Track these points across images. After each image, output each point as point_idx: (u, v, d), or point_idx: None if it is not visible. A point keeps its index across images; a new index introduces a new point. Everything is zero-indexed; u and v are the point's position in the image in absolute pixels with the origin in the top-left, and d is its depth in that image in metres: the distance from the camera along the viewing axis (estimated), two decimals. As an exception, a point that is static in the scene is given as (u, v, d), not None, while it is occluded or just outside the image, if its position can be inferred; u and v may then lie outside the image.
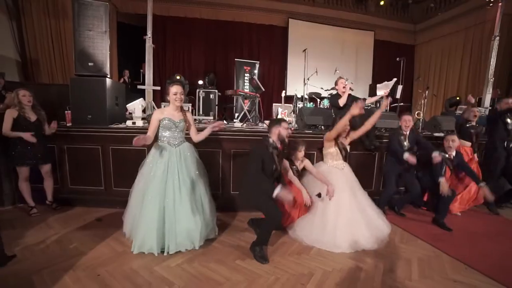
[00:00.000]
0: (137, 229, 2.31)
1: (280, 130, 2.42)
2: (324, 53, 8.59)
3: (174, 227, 2.28)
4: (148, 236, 2.26)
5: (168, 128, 2.43)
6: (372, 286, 2.01)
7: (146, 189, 2.34)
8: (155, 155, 2.42)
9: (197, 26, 8.07)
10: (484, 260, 2.45)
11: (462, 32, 8.32)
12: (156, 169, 2.35)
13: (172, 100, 2.42)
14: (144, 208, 2.30)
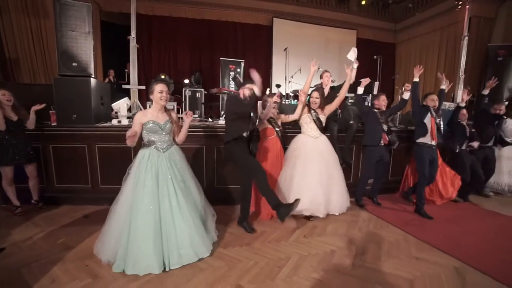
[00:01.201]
0: (127, 248, 2.02)
1: (244, 91, 2.63)
2: (308, 51, 8.77)
3: (176, 239, 2.09)
4: (143, 254, 1.99)
5: (154, 132, 2.23)
6: (343, 266, 2.20)
7: (135, 202, 2.09)
8: (142, 163, 2.19)
9: (182, 25, 8.10)
10: (446, 240, 2.70)
11: (437, 31, 8.71)
12: (145, 178, 2.12)
13: (157, 99, 2.23)
14: (134, 222, 2.04)
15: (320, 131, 3.17)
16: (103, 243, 2.16)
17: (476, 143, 3.87)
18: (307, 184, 2.92)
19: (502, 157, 4.25)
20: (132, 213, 2.07)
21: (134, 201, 2.10)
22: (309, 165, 2.99)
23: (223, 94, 5.11)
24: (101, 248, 2.16)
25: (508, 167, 4.22)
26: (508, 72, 6.13)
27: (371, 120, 3.47)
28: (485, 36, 7.80)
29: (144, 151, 2.26)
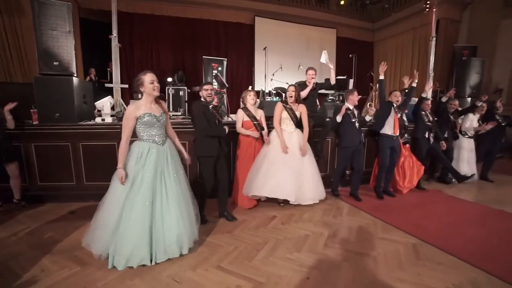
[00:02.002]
0: (122, 242, 2.00)
1: (203, 92, 2.80)
2: (290, 49, 9.04)
3: (163, 234, 2.09)
4: (139, 247, 2.01)
5: (151, 125, 2.11)
6: (315, 247, 2.44)
7: (132, 197, 2.04)
8: (141, 159, 2.09)
9: (164, 23, 8.10)
10: (408, 222, 3.01)
11: (410, 32, 9.19)
12: (144, 173, 2.06)
13: (149, 89, 2.09)
14: (130, 216, 2.01)
15: (295, 126, 3.38)
16: (94, 236, 2.11)
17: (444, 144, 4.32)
18: (274, 170, 3.13)
19: (462, 148, 4.66)
20: (128, 208, 2.03)
21: (130, 197, 2.04)
22: (280, 155, 3.21)
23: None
24: (92, 242, 2.12)
25: (467, 157, 4.64)
26: (470, 71, 6.62)
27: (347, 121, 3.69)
28: (452, 37, 8.35)
29: (142, 144, 2.12)
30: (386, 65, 3.69)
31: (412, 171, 4.07)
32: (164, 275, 2.00)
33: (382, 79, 3.69)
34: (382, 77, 3.67)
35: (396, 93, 3.70)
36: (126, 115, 2.09)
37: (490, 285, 1.97)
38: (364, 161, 3.81)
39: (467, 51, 7.69)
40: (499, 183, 4.81)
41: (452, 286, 1.95)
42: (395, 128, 3.66)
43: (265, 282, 1.92)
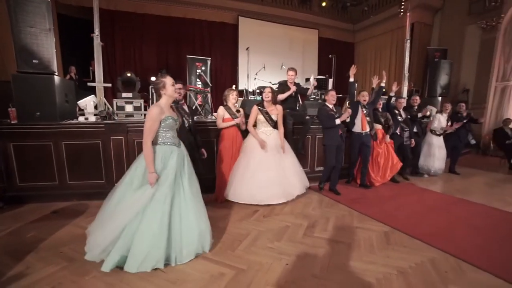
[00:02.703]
0: (136, 244, 1.95)
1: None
2: (273, 49, 9.22)
3: (186, 233, 2.09)
4: (155, 249, 1.97)
5: (171, 128, 2.14)
6: (294, 237, 2.61)
7: (154, 199, 2.02)
8: (164, 160, 2.09)
9: (147, 22, 8.05)
10: (382, 212, 3.25)
11: (388, 33, 9.64)
12: (167, 174, 2.07)
13: (172, 92, 2.13)
14: (149, 220, 1.98)
15: (272, 128, 3.51)
16: (101, 237, 1.99)
17: (412, 140, 4.68)
18: (259, 181, 3.27)
19: (433, 145, 5.01)
20: (150, 209, 2.00)
21: (152, 199, 2.01)
22: (262, 161, 3.33)
23: (190, 91, 5.29)
24: (98, 242, 2.00)
25: (438, 154, 4.98)
26: (440, 72, 7.07)
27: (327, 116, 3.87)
28: (425, 40, 8.85)
29: (164, 148, 2.11)
30: (355, 69, 3.96)
31: (386, 165, 4.34)
32: (151, 266, 2.09)
33: (352, 81, 3.97)
34: (352, 79, 3.94)
35: (363, 93, 3.99)
36: (152, 117, 2.03)
37: (445, 261, 2.22)
38: (343, 158, 4.02)
39: (439, 53, 8.18)
40: (464, 175, 5.21)
41: (415, 264, 2.17)
42: (362, 126, 3.95)
43: (246, 269, 2.06)
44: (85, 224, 2.80)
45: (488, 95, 7.54)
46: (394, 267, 2.13)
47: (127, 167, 3.51)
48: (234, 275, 1.99)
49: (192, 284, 1.88)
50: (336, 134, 3.76)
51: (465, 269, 2.14)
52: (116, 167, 3.56)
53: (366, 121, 3.97)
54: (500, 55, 7.26)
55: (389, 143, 4.40)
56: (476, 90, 7.90)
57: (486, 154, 7.41)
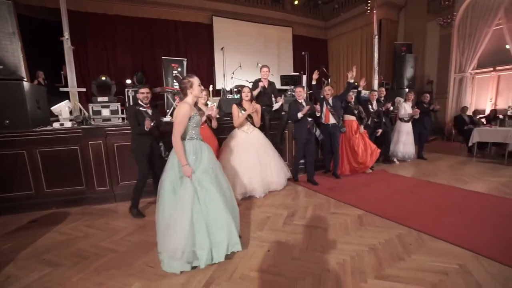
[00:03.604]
0: (215, 234, 2.07)
1: (139, 95, 3.07)
2: (249, 47, 9.35)
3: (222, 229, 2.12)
4: (232, 233, 2.13)
5: (197, 125, 2.26)
6: (275, 226, 2.77)
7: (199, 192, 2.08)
8: (197, 154, 2.18)
9: (119, 23, 7.87)
10: (356, 198, 3.49)
11: (358, 30, 10.08)
12: (203, 164, 2.17)
13: (198, 92, 2.22)
14: (210, 212, 2.08)
15: (253, 126, 3.66)
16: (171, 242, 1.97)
17: (380, 130, 5.00)
18: (241, 174, 3.43)
19: (401, 132, 5.39)
20: (208, 200, 2.09)
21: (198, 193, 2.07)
22: (243, 157, 3.49)
23: (167, 92, 5.30)
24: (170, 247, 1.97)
25: (405, 139, 5.38)
26: (406, 65, 7.56)
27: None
28: (392, 35, 9.37)
29: (193, 142, 2.20)
30: (318, 74, 4.25)
31: (366, 153, 4.63)
32: (139, 262, 2.16)
33: (314, 84, 4.29)
34: (314, 82, 4.26)
35: (325, 88, 4.30)
36: (184, 113, 2.10)
37: (410, 236, 2.48)
38: (315, 150, 4.26)
39: (405, 48, 8.71)
40: (431, 160, 5.67)
41: (384, 241, 2.41)
42: (326, 118, 4.26)
43: (231, 257, 2.18)
44: (68, 230, 2.82)
45: (448, 86, 8.16)
46: (366, 245, 2.35)
47: (107, 171, 3.55)
48: (219, 264, 2.10)
49: (179, 275, 1.98)
50: (304, 128, 3.97)
51: (425, 240, 2.40)
52: (96, 172, 3.54)
53: (330, 113, 4.24)
54: (456, 49, 7.90)
55: (363, 132, 4.69)
56: (438, 81, 8.51)
57: (449, 139, 8.03)
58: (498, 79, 7.56)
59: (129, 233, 2.72)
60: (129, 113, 3.08)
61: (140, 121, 2.98)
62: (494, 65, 7.52)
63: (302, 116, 3.90)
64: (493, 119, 6.25)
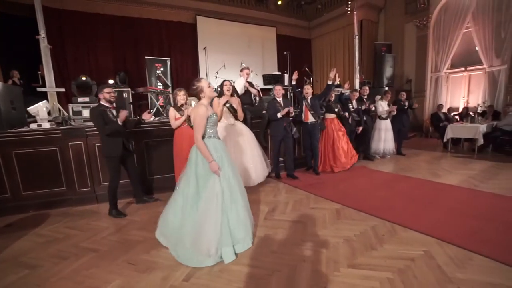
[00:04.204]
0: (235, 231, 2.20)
1: (104, 95, 3.00)
2: (233, 47, 9.38)
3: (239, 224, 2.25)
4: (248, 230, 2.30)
5: (215, 124, 2.35)
6: (256, 221, 2.83)
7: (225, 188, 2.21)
8: (218, 150, 2.27)
9: (100, 22, 7.69)
10: (335, 193, 3.63)
11: (341, 30, 10.32)
12: (223, 162, 2.27)
13: (210, 92, 2.30)
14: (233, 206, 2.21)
15: (235, 119, 3.73)
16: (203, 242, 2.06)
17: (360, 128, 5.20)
18: None
19: (380, 129, 5.61)
20: (233, 200, 2.23)
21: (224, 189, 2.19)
22: (229, 148, 3.53)
23: (150, 92, 5.27)
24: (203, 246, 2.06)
25: (384, 136, 5.60)
26: (385, 65, 7.84)
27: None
28: (373, 35, 9.65)
29: (213, 141, 2.30)
30: (298, 74, 4.36)
31: (349, 149, 4.79)
32: (120, 260, 2.18)
33: (294, 84, 4.43)
34: (294, 82, 4.40)
35: (305, 86, 4.45)
36: (202, 115, 2.19)
37: (384, 227, 2.62)
38: (292, 147, 4.38)
39: (384, 48, 9.01)
40: (409, 156, 5.92)
41: (359, 232, 2.53)
42: (305, 116, 4.39)
43: (212, 253, 2.24)
44: (47, 232, 2.79)
45: (426, 85, 8.53)
46: (341, 237, 2.46)
47: (89, 172, 3.52)
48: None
49: (160, 271, 2.02)
50: (280, 127, 4.08)
51: (398, 230, 2.55)
52: (77, 173, 3.49)
53: (309, 112, 4.37)
54: (432, 49, 8.27)
55: (343, 134, 4.85)
56: (417, 80, 8.87)
57: (427, 136, 8.39)
58: (469, 79, 7.98)
59: (110, 233, 2.72)
60: (94, 114, 2.97)
61: (107, 121, 2.94)
62: (465, 65, 7.93)
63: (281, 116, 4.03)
64: (465, 116, 6.60)
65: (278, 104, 4.09)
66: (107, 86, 3.09)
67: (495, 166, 4.77)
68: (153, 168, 3.91)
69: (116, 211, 3.16)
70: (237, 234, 2.20)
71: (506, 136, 5.59)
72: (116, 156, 3.06)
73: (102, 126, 2.94)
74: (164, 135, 3.85)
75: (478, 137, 5.55)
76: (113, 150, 3.03)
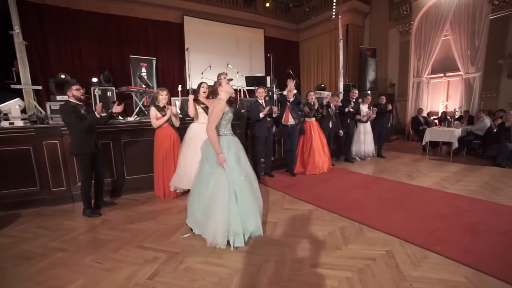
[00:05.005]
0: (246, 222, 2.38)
1: (73, 92, 2.94)
2: (221, 48, 9.39)
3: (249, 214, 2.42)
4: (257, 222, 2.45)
5: (230, 121, 2.49)
6: (230, 221, 2.89)
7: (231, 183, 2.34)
8: (228, 148, 2.42)
9: (84, 19, 7.55)
10: (311, 195, 3.71)
11: (327, 33, 10.48)
12: (236, 158, 2.43)
13: (228, 88, 2.48)
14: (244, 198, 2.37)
15: None
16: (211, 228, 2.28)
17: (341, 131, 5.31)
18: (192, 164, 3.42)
19: (361, 132, 5.75)
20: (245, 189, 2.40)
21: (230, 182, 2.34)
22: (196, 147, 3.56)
23: (132, 92, 5.24)
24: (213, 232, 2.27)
25: (364, 139, 5.75)
26: (368, 69, 8.04)
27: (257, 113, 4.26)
28: (359, 39, 9.84)
29: (226, 138, 2.45)
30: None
31: (324, 157, 4.89)
32: (87, 259, 2.19)
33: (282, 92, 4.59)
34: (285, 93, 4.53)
35: (287, 88, 4.55)
36: (220, 109, 2.37)
37: (352, 227, 2.71)
38: (272, 147, 4.46)
39: (369, 52, 9.22)
40: (389, 158, 6.09)
41: (327, 233, 2.61)
42: (286, 118, 4.48)
43: (180, 252, 2.28)
44: (16, 232, 2.76)
45: (408, 89, 8.78)
46: (310, 237, 2.53)
47: (64, 171, 3.49)
48: (167, 257, 2.19)
49: (126, 270, 2.04)
50: (264, 127, 4.15)
51: (365, 231, 2.64)
52: (52, 172, 3.45)
53: (290, 114, 4.45)
54: (413, 55, 8.53)
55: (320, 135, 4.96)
56: (400, 84, 9.11)
57: (409, 139, 8.64)
58: (448, 84, 8.26)
59: (81, 232, 2.72)
60: (65, 110, 2.87)
61: (81, 118, 2.90)
62: (444, 71, 8.21)
63: (263, 116, 4.08)
64: (444, 120, 6.83)
65: (261, 106, 4.15)
66: (75, 83, 3.05)
67: (466, 169, 4.97)
68: (131, 168, 3.90)
69: (90, 211, 3.14)
70: (246, 224, 2.38)
71: (478, 140, 5.83)
72: (89, 153, 3.02)
73: (77, 121, 2.88)
74: (144, 135, 3.85)
75: (453, 140, 5.76)
76: (86, 147, 2.99)
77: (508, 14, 6.43)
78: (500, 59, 6.55)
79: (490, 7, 6.69)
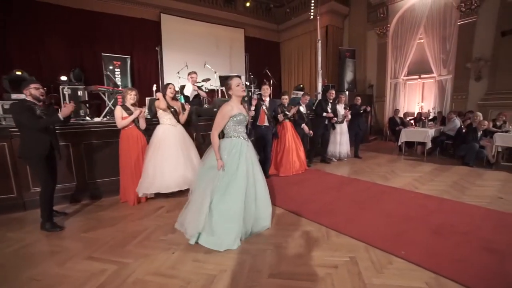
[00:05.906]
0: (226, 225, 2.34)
1: (31, 91, 2.62)
2: (200, 47, 9.19)
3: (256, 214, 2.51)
4: (238, 231, 2.36)
5: (241, 123, 2.42)
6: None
7: (233, 186, 2.35)
8: (234, 151, 2.38)
9: (54, 14, 7.13)
10: (284, 198, 3.60)
11: (307, 34, 10.51)
12: (239, 164, 2.37)
13: (238, 91, 2.38)
14: (230, 203, 2.33)
15: (177, 121, 3.62)
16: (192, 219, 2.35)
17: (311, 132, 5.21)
18: (169, 166, 3.35)
19: (337, 133, 5.74)
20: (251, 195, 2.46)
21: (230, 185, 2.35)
22: (171, 149, 3.42)
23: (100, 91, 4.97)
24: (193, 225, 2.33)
25: (340, 139, 5.74)
26: (346, 70, 8.11)
27: None
28: (338, 41, 9.92)
29: (234, 140, 2.41)
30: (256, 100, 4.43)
31: (300, 153, 4.82)
32: (25, 275, 1.98)
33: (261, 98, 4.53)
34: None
35: (263, 87, 4.52)
36: (223, 115, 2.34)
37: (318, 232, 2.62)
38: None
39: (349, 53, 9.31)
40: (365, 159, 6.11)
41: (291, 239, 2.50)
42: (260, 119, 4.37)
43: (132, 262, 2.11)
44: None
45: (385, 90, 8.93)
46: (272, 244, 2.40)
47: (14, 175, 3.22)
48: (116, 269, 2.02)
49: (67, 285, 1.85)
50: None
51: (331, 235, 2.56)
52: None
53: (265, 115, 4.35)
54: (390, 57, 8.70)
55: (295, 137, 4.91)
56: (378, 85, 9.25)
57: (387, 139, 8.77)
58: (423, 86, 8.48)
59: (26, 244, 2.47)
60: (19, 108, 2.54)
61: (35, 118, 2.59)
62: (419, 73, 8.42)
63: None
64: (419, 121, 6.97)
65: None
66: (34, 81, 2.73)
67: (438, 169, 5.06)
68: (95, 171, 3.66)
69: (50, 224, 2.72)
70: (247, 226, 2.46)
71: (450, 140, 5.98)
72: (42, 156, 2.63)
73: (31, 120, 2.52)
74: (110, 136, 3.63)
75: (427, 141, 5.87)
76: (39, 148, 2.62)
77: (474, 21, 6.73)
78: (468, 62, 6.85)
79: (458, 13, 6.95)
